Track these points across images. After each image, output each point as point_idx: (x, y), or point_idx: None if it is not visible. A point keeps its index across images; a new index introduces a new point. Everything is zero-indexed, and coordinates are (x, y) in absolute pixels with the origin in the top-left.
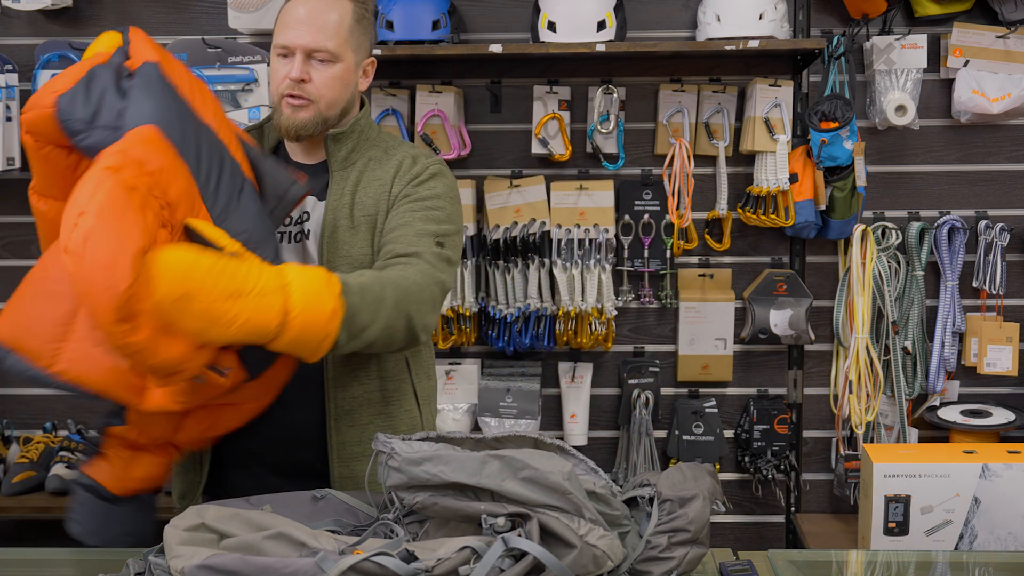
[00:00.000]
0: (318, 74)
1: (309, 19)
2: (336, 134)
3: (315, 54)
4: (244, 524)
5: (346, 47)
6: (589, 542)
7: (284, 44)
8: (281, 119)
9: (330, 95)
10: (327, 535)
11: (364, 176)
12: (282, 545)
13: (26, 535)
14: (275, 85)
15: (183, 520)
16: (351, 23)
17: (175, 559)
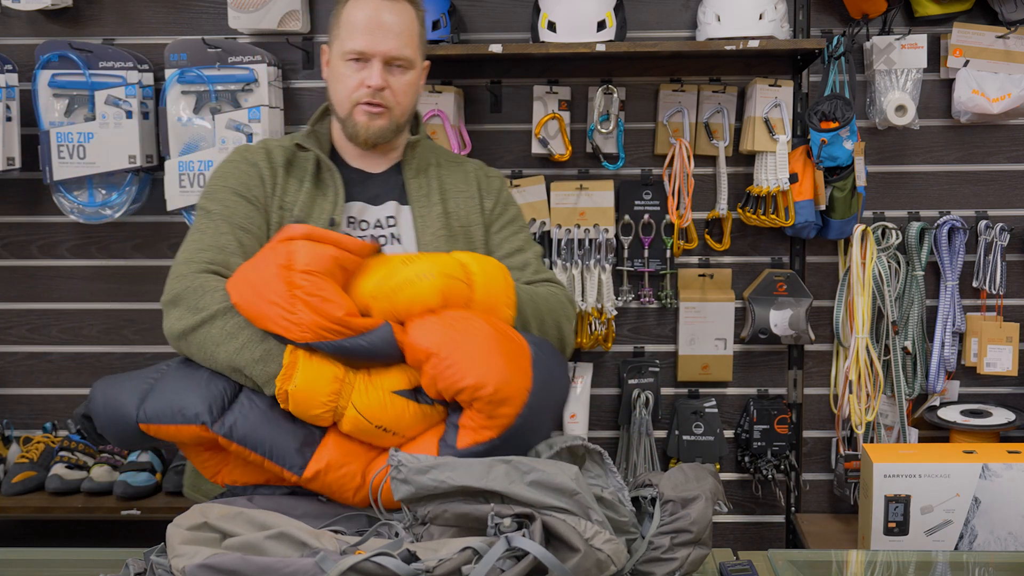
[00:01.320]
0: (396, 81)
1: (384, 25)
2: (414, 142)
3: (394, 61)
4: (247, 523)
5: (418, 53)
6: (594, 545)
7: (360, 50)
8: (357, 128)
9: (406, 102)
10: (329, 535)
11: (445, 185)
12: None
13: (26, 535)
14: (345, 92)
15: (186, 519)
16: (418, 28)
17: (177, 558)
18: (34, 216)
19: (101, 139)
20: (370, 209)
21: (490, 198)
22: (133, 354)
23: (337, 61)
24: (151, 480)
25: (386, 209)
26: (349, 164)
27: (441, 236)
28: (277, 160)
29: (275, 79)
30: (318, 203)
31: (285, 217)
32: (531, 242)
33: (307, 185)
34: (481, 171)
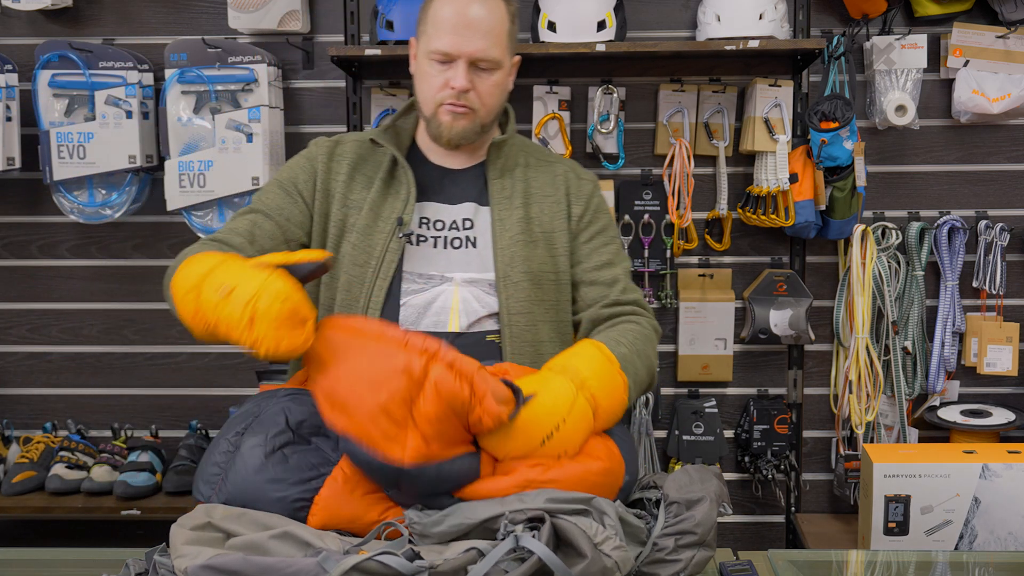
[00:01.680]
0: (481, 82)
1: (471, 24)
2: (499, 142)
3: (480, 62)
4: (251, 524)
5: (506, 52)
6: (603, 551)
7: (446, 51)
8: (440, 128)
9: (491, 103)
10: (333, 535)
11: (531, 188)
12: (287, 545)
13: (26, 535)
14: (430, 91)
15: (190, 519)
16: (508, 25)
17: (179, 559)
18: (34, 216)
19: (101, 139)
20: (445, 209)
21: (579, 204)
22: (133, 354)
23: (423, 58)
24: (151, 480)
25: (463, 210)
26: (431, 161)
27: (519, 241)
28: (344, 156)
29: (275, 79)
30: (388, 202)
31: (350, 215)
32: (621, 254)
33: (377, 183)
34: (572, 173)
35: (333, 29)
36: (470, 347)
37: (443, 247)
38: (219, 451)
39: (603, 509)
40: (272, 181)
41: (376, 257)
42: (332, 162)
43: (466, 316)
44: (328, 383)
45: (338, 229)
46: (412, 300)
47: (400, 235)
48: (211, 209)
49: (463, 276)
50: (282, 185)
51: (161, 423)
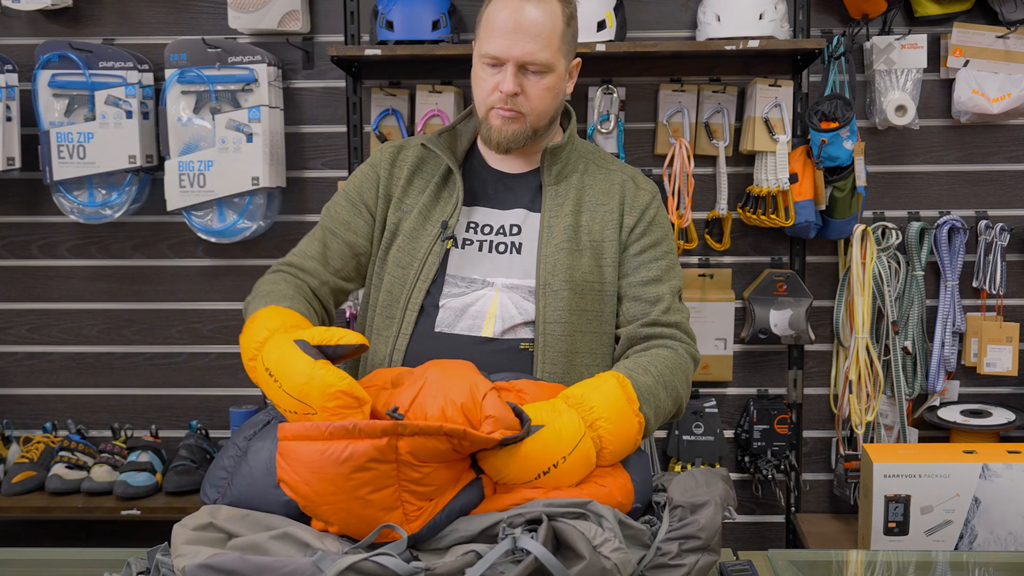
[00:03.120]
0: (531, 86)
1: (521, 27)
2: (554, 148)
3: (529, 66)
4: (253, 524)
5: (559, 55)
6: (602, 553)
7: (494, 55)
8: (491, 132)
9: (542, 107)
10: (333, 537)
11: (584, 196)
12: (287, 545)
13: (26, 535)
14: (482, 95)
15: (193, 520)
16: (562, 28)
17: (179, 558)
18: (34, 216)
19: (101, 139)
20: (495, 214)
21: (633, 214)
22: (133, 354)
23: (476, 62)
24: (151, 480)
25: (513, 216)
26: (488, 165)
27: (564, 249)
28: (406, 160)
29: (275, 79)
30: (438, 207)
31: (403, 219)
32: (672, 272)
33: (431, 188)
34: (631, 182)
35: (333, 29)
36: (501, 354)
37: (488, 251)
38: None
39: (600, 513)
40: (340, 192)
41: (419, 260)
42: (394, 167)
43: (501, 322)
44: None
45: (391, 233)
46: (451, 303)
47: (443, 239)
48: (211, 209)
49: (505, 282)
50: (348, 196)
51: (161, 423)
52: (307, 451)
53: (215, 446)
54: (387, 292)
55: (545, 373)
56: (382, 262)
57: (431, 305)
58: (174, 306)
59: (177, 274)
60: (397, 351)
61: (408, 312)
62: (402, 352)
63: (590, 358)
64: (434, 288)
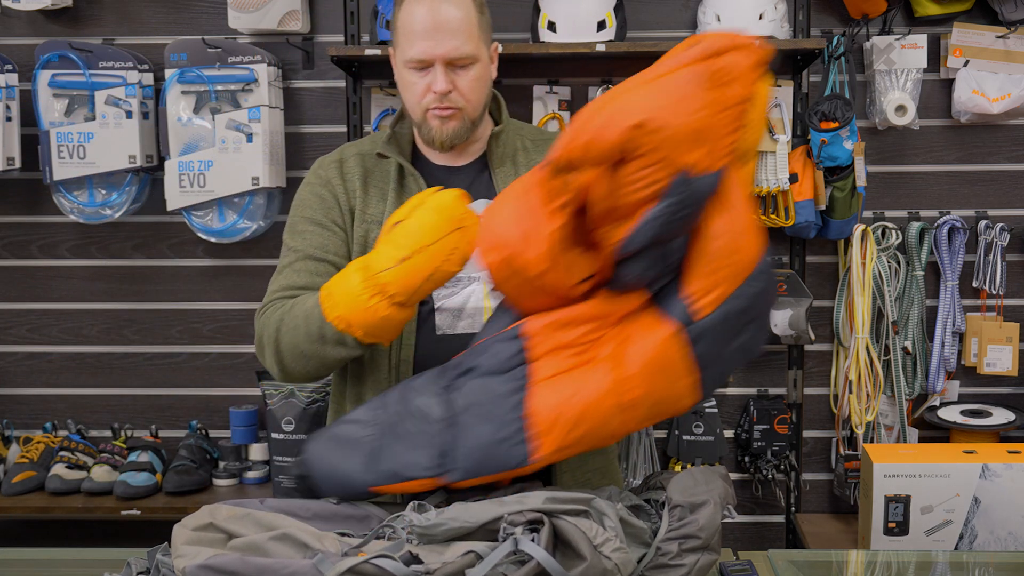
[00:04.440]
0: (462, 80)
1: (440, 26)
2: (497, 132)
3: (456, 62)
4: (254, 525)
5: (480, 44)
6: (603, 552)
7: (420, 58)
8: (432, 133)
9: (476, 98)
10: (333, 537)
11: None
12: (286, 546)
13: (26, 535)
14: (414, 99)
15: (193, 520)
16: (477, 16)
17: (179, 558)
18: (34, 216)
19: (101, 139)
20: None
21: None
22: (133, 354)
23: (401, 68)
24: (151, 480)
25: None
26: (433, 163)
27: None
28: (353, 172)
29: (275, 79)
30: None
31: (371, 230)
32: None
33: (391, 195)
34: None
35: (333, 29)
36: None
37: None
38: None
39: (603, 510)
40: (303, 220)
41: None
42: (345, 181)
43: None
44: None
45: (360, 246)
46: (445, 304)
47: None
48: (211, 209)
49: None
50: (314, 221)
51: (161, 423)
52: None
53: (215, 446)
54: None
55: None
56: None
57: (426, 310)
58: (174, 306)
59: (177, 274)
60: (404, 362)
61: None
62: (409, 363)
63: None
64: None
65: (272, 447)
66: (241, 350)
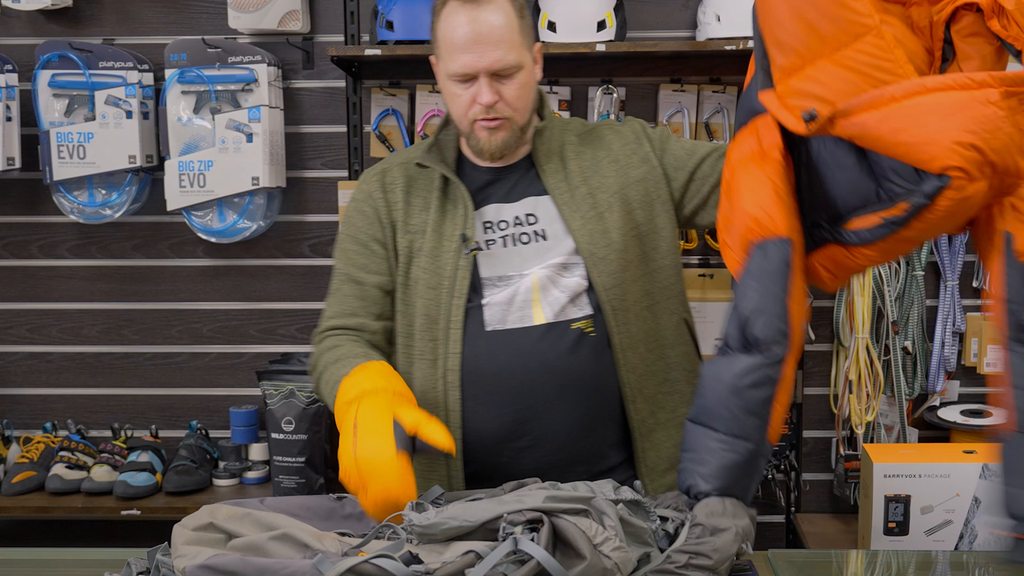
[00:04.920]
0: (507, 90)
1: (481, 37)
2: (541, 128)
3: (500, 72)
4: (254, 525)
5: (523, 50)
6: (603, 552)
7: (463, 72)
8: (480, 144)
9: (522, 105)
10: (333, 537)
11: (584, 161)
12: (286, 546)
13: (26, 535)
14: (461, 111)
15: (193, 520)
16: (518, 22)
17: (179, 559)
18: (34, 216)
19: (101, 139)
20: (505, 208)
21: (642, 144)
22: (133, 354)
23: (444, 79)
24: (151, 480)
25: (524, 206)
26: (479, 166)
27: (592, 217)
28: (395, 183)
29: (275, 79)
30: (448, 220)
31: (415, 240)
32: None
33: (434, 204)
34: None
35: (333, 29)
36: (558, 337)
37: (512, 245)
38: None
39: (603, 510)
40: (344, 238)
41: (447, 277)
42: (387, 193)
43: (549, 307)
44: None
45: (406, 256)
46: (494, 299)
47: (466, 251)
48: (211, 209)
49: (540, 268)
50: (356, 240)
51: (161, 423)
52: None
53: (215, 446)
54: (424, 316)
55: (622, 336)
56: (403, 288)
57: (474, 309)
58: (174, 306)
59: (177, 274)
60: (451, 371)
61: (452, 330)
62: (456, 371)
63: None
64: (473, 294)
65: (272, 447)
66: (241, 350)
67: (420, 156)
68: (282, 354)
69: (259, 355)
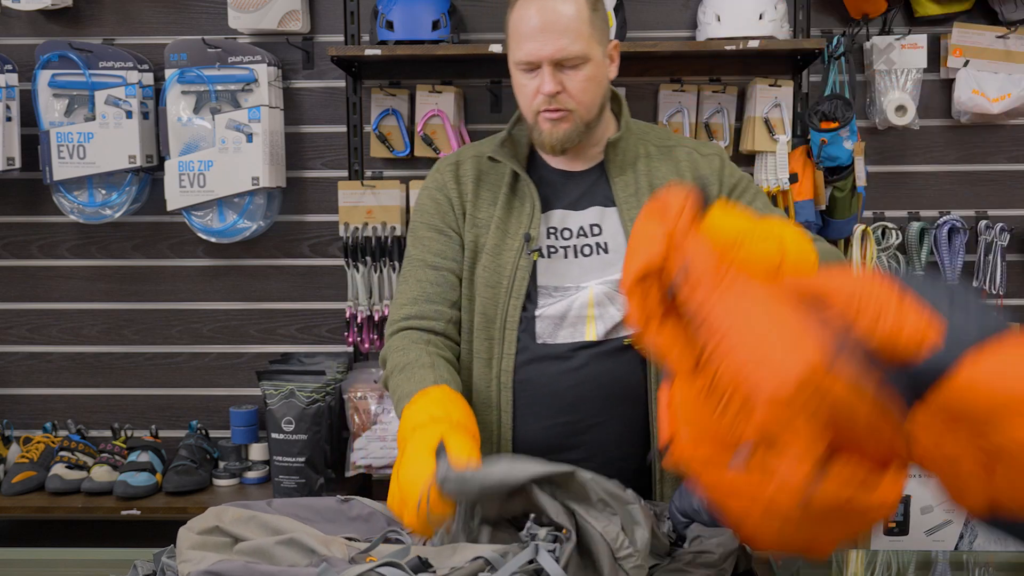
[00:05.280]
0: (571, 81)
1: (547, 25)
2: (615, 139)
3: (564, 62)
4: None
5: (591, 42)
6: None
7: (526, 59)
8: (542, 136)
9: (587, 99)
10: (340, 542)
11: (654, 180)
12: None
13: (26, 535)
14: (526, 101)
15: (198, 522)
16: (589, 14)
17: (184, 563)
18: (34, 216)
19: (101, 139)
20: (571, 216)
21: (713, 184)
22: (133, 354)
23: (513, 70)
24: (151, 480)
25: (589, 216)
26: (551, 166)
27: None
28: (467, 174)
29: (275, 79)
30: (514, 217)
31: (480, 235)
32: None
33: (501, 199)
34: (695, 153)
35: (333, 29)
36: (608, 356)
37: (574, 256)
38: None
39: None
40: (421, 225)
41: (507, 277)
42: (460, 184)
43: (603, 323)
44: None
45: (471, 251)
46: (547, 311)
47: (528, 252)
48: (211, 209)
49: (598, 283)
50: (432, 227)
51: (161, 423)
52: None
53: (215, 446)
54: (481, 314)
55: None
56: (468, 283)
57: (527, 318)
58: (174, 306)
59: (177, 274)
60: (504, 372)
61: (507, 331)
62: (509, 373)
63: None
64: (528, 302)
65: (272, 447)
66: (241, 350)
67: (492, 150)
68: (282, 354)
69: (259, 355)
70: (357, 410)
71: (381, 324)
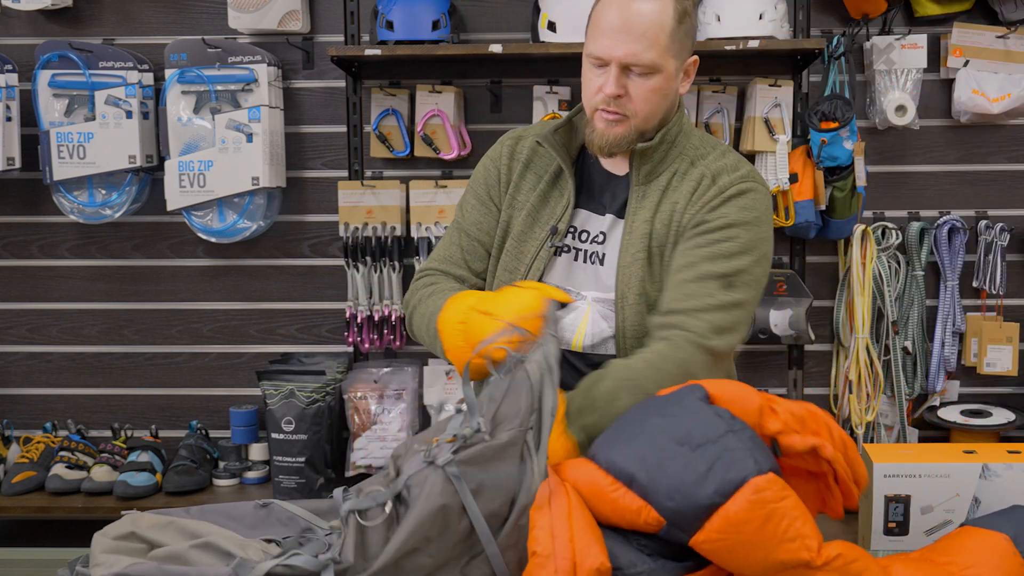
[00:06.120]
0: (636, 87)
1: (627, 26)
2: (643, 149)
3: (632, 67)
4: (177, 533)
5: (667, 54)
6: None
7: (598, 55)
8: (594, 135)
9: (647, 109)
10: (256, 545)
11: (667, 196)
12: (208, 555)
13: (26, 535)
14: (588, 95)
15: (114, 528)
16: (672, 25)
17: (96, 567)
18: (34, 216)
19: (101, 139)
20: (592, 219)
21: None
22: (133, 354)
23: (584, 61)
24: (151, 480)
25: (603, 223)
26: (600, 164)
27: (639, 260)
28: (522, 153)
29: (275, 79)
30: (548, 207)
31: (514, 216)
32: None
33: (542, 186)
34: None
35: (333, 29)
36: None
37: (581, 261)
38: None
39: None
40: (469, 190)
41: (525, 264)
42: (512, 160)
43: (591, 337)
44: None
45: (503, 230)
46: None
47: (550, 245)
48: (211, 209)
49: (592, 294)
50: (477, 195)
51: (161, 423)
52: None
53: (215, 446)
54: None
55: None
56: (495, 261)
57: None
58: (174, 306)
59: (177, 274)
60: None
61: None
62: None
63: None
64: None
65: (272, 447)
66: (241, 350)
67: (544, 135)
68: (282, 354)
69: (259, 355)
70: (357, 410)
71: (381, 324)
